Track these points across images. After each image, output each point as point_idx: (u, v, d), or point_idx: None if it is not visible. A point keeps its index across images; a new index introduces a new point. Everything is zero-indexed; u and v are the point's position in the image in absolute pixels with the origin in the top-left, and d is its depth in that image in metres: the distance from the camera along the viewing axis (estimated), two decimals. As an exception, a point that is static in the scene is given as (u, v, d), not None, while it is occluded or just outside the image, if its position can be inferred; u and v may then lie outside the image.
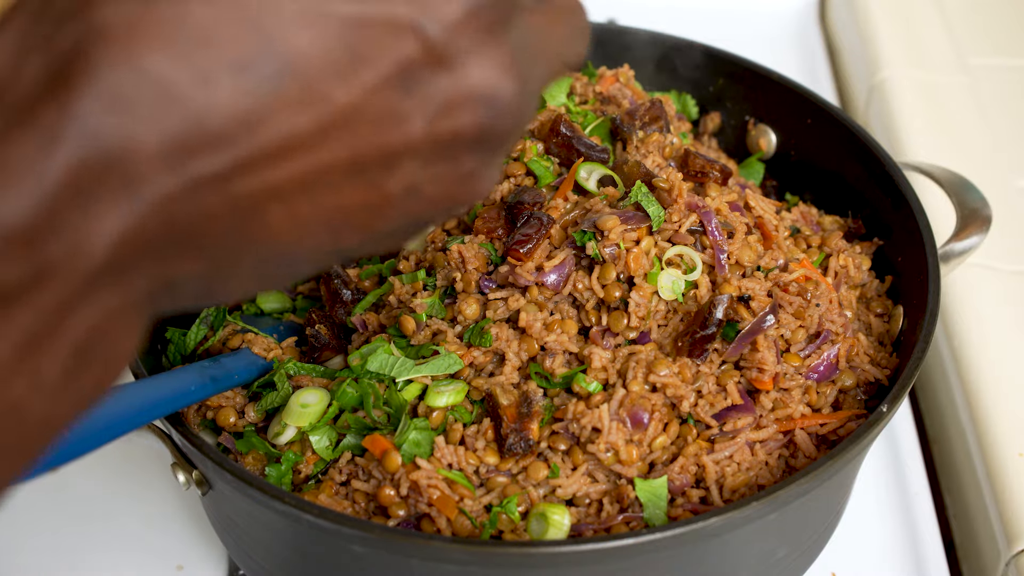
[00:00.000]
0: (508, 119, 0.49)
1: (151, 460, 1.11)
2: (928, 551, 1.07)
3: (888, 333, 0.98)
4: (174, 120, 0.41)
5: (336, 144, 0.45)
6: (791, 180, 1.17)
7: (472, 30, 0.46)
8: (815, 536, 0.94)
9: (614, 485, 0.85)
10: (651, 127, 1.02)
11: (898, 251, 1.02)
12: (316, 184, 0.45)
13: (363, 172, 0.46)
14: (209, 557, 1.05)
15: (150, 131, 0.41)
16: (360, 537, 0.77)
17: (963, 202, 1.07)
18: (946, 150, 1.42)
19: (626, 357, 0.87)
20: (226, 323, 0.96)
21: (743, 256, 0.91)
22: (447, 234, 0.97)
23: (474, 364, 0.89)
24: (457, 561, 0.77)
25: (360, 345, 0.93)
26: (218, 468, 0.80)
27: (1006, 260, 1.28)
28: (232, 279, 0.47)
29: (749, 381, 0.89)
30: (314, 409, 0.88)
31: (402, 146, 0.46)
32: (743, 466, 0.87)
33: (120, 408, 0.77)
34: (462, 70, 0.46)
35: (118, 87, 0.40)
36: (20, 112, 0.40)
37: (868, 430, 0.82)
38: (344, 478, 0.87)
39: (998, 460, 1.08)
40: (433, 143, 0.47)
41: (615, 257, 0.89)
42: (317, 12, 0.43)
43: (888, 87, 1.55)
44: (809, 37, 1.78)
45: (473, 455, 0.84)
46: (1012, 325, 1.21)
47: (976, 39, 1.64)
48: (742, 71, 1.19)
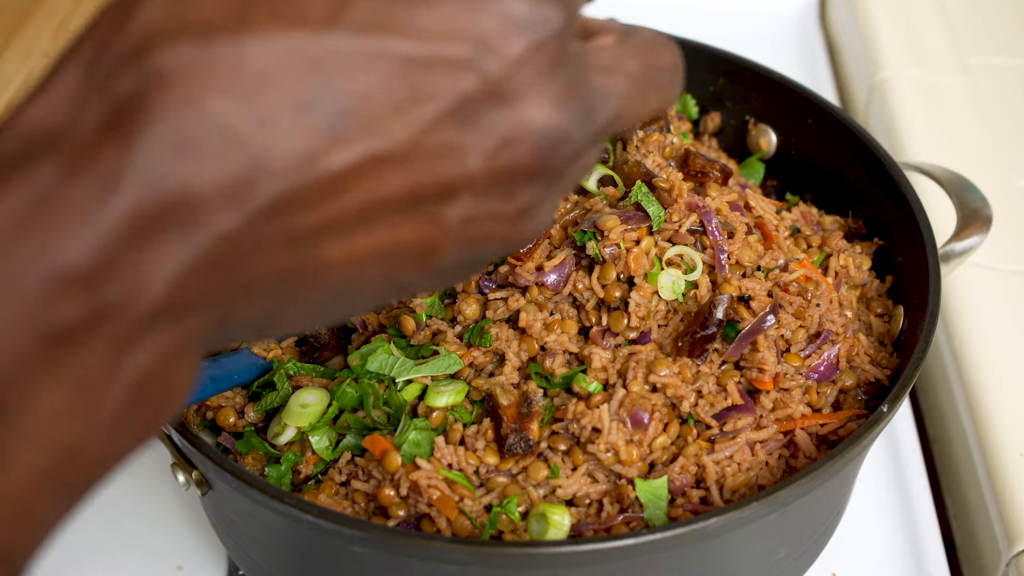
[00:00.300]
0: (564, 153, 0.49)
1: (150, 460, 1.11)
2: (928, 551, 1.06)
3: (888, 333, 0.98)
4: (234, 161, 0.42)
5: (393, 178, 0.45)
6: (791, 180, 1.17)
7: (532, 66, 0.46)
8: (815, 536, 0.94)
9: (614, 485, 0.85)
10: (651, 127, 1.02)
11: (898, 251, 1.02)
12: (372, 218, 0.45)
13: (420, 206, 0.46)
14: (209, 557, 1.05)
15: (210, 173, 0.41)
16: (360, 537, 0.77)
17: (964, 202, 1.06)
18: (947, 150, 1.42)
19: (626, 357, 0.87)
20: (226, 323, 0.96)
21: (743, 256, 0.91)
22: (447, 234, 0.97)
23: (474, 364, 0.89)
24: (457, 561, 0.77)
25: (360, 345, 0.93)
26: (218, 468, 0.80)
27: (1007, 260, 1.28)
28: (288, 316, 0.48)
29: (749, 381, 0.89)
30: (314, 409, 0.88)
31: (459, 179, 0.47)
32: (743, 466, 0.86)
33: (119, 408, 0.77)
34: (520, 105, 0.47)
35: (178, 131, 0.41)
36: (80, 156, 0.40)
37: (868, 430, 0.82)
38: (344, 478, 0.87)
39: (999, 460, 1.08)
40: (489, 176, 0.47)
41: (615, 257, 0.89)
42: (376, 52, 0.43)
43: (888, 87, 1.55)
44: (809, 37, 1.78)
45: (473, 455, 0.84)
46: (1013, 325, 1.21)
47: (977, 39, 1.64)
48: (742, 71, 1.19)
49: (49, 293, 0.40)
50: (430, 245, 0.48)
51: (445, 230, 0.48)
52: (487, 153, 0.47)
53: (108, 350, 0.42)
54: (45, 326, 0.40)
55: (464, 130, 0.46)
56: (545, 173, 0.49)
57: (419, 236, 0.47)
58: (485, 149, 0.46)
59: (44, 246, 0.40)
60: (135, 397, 0.43)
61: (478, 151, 0.46)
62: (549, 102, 0.47)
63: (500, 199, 0.49)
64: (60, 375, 0.41)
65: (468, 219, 0.48)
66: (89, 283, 0.40)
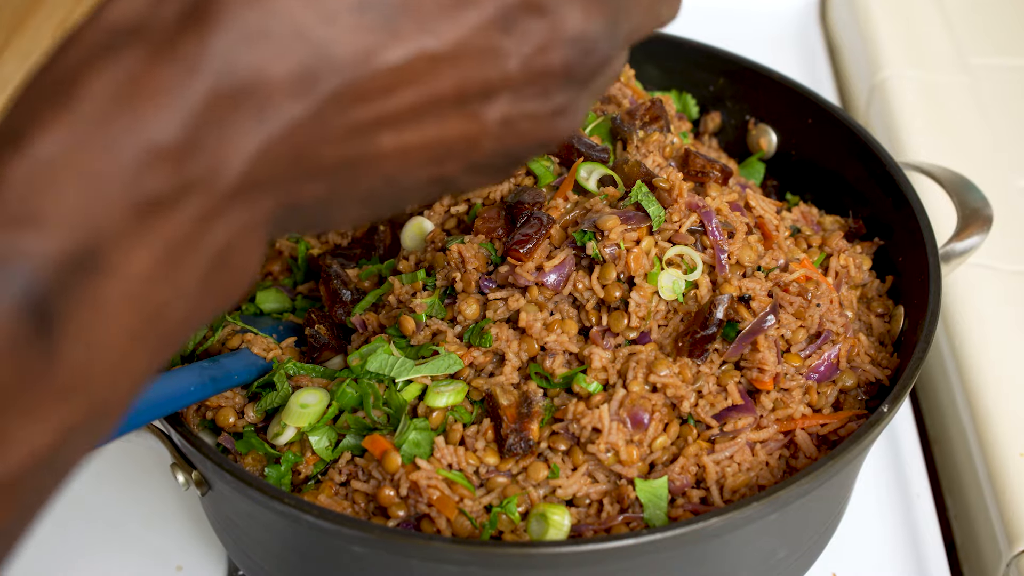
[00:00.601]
0: (595, 58, 0.55)
1: (150, 460, 1.11)
2: (929, 552, 1.06)
3: (889, 333, 0.98)
4: (301, 54, 0.47)
5: (443, 76, 0.51)
6: (792, 180, 1.17)
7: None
8: (816, 536, 0.94)
9: (614, 485, 0.84)
10: (651, 127, 1.02)
11: (899, 251, 1.02)
12: (424, 113, 0.51)
13: (465, 103, 0.52)
14: (208, 558, 1.05)
15: (280, 63, 0.47)
16: (360, 538, 0.77)
17: (964, 202, 1.06)
18: (947, 150, 1.42)
19: (626, 357, 0.87)
20: (225, 323, 0.96)
21: (743, 256, 0.91)
22: (447, 234, 0.97)
23: (474, 364, 0.89)
24: (457, 562, 0.77)
25: (360, 345, 0.93)
26: (217, 468, 0.80)
27: (1007, 260, 1.28)
28: (345, 204, 0.54)
29: (749, 381, 0.89)
30: (314, 409, 0.88)
31: (500, 80, 0.52)
32: (743, 466, 0.86)
33: (119, 408, 0.77)
34: (555, 15, 0.53)
35: (251, 23, 0.46)
36: (163, 44, 0.45)
37: (869, 430, 0.82)
38: (344, 478, 0.87)
39: (999, 460, 1.08)
40: (527, 78, 0.53)
41: (615, 257, 0.88)
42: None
43: (889, 87, 1.54)
44: (810, 36, 1.77)
45: (473, 455, 0.84)
46: (1013, 325, 1.21)
47: (977, 39, 1.64)
48: (743, 70, 1.19)
49: (142, 165, 0.45)
50: (471, 140, 0.54)
51: (486, 127, 0.54)
52: (525, 57, 0.52)
53: (192, 222, 0.46)
54: (139, 196, 0.45)
55: (505, 36, 0.52)
56: (577, 76, 0.55)
57: (462, 132, 0.53)
58: (523, 53, 0.52)
59: (137, 123, 0.44)
60: (214, 269, 0.48)
61: (517, 55, 0.52)
62: (581, 12, 0.53)
63: (536, 99, 0.55)
64: (151, 242, 0.45)
65: (507, 118, 0.54)
66: (177, 157, 0.45)
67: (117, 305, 0.45)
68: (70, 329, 0.44)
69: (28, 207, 0.43)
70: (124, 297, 0.45)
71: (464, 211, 0.97)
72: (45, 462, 0.45)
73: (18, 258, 0.43)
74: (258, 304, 1.03)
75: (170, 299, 0.47)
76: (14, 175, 0.44)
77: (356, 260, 1.02)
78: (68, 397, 0.45)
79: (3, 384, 0.43)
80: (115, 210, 0.44)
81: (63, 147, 0.44)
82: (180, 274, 0.47)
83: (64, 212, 0.44)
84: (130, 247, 0.45)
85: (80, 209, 0.44)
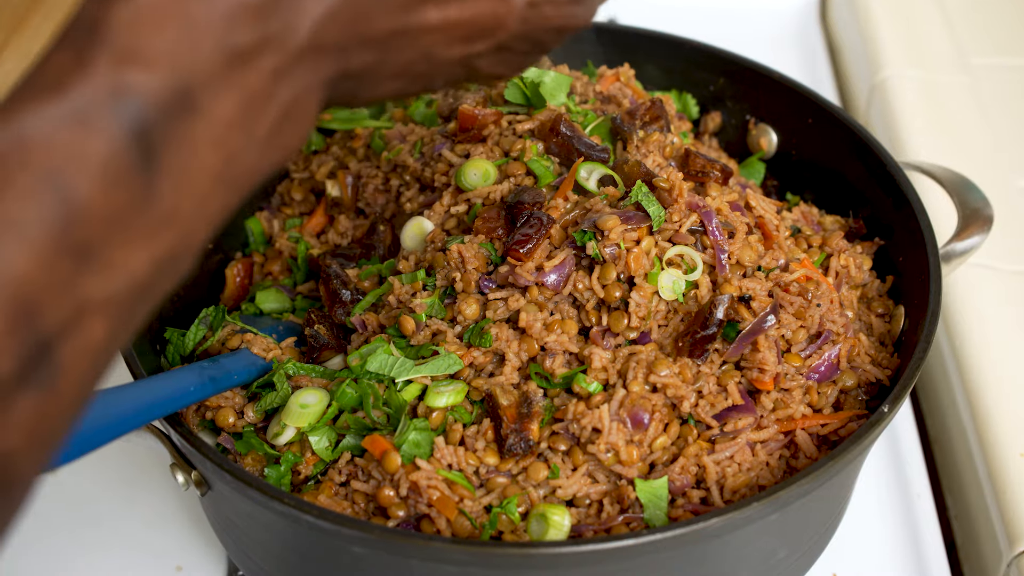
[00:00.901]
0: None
1: (150, 461, 1.11)
2: (929, 552, 1.06)
3: (889, 333, 0.98)
4: None
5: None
6: (792, 180, 1.17)
7: None
8: (816, 537, 0.94)
9: (614, 486, 0.84)
10: (651, 126, 1.01)
11: (899, 251, 1.02)
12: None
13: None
14: (208, 558, 1.05)
15: None
16: (360, 538, 0.76)
17: (964, 202, 1.06)
18: (947, 150, 1.42)
19: (626, 357, 0.87)
20: (225, 323, 0.96)
21: (744, 256, 0.91)
22: (447, 234, 0.97)
23: (474, 364, 0.89)
24: (457, 562, 0.77)
25: (360, 345, 0.93)
26: (217, 469, 0.79)
27: (1007, 260, 1.27)
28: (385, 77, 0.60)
29: (750, 381, 0.88)
30: (313, 410, 0.88)
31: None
32: (744, 466, 0.86)
33: (119, 409, 0.77)
34: None
35: None
36: None
37: (869, 430, 0.82)
38: (343, 479, 0.87)
39: (999, 460, 1.08)
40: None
41: (615, 257, 0.88)
42: None
43: (889, 87, 1.54)
44: (810, 36, 1.77)
45: (473, 456, 0.84)
46: (1013, 325, 1.21)
47: (977, 39, 1.63)
48: (743, 70, 1.19)
49: (233, 17, 0.49)
50: (500, 19, 0.62)
51: (513, 8, 0.62)
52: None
53: (268, 76, 0.52)
54: (228, 45, 0.49)
55: None
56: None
57: (494, 10, 0.61)
58: None
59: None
60: (280, 122, 0.53)
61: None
62: None
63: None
64: (235, 90, 0.50)
65: (532, 1, 0.63)
66: (260, 14, 0.50)
67: (205, 146, 0.49)
68: (167, 164, 0.48)
69: (135, 46, 0.47)
70: (210, 139, 0.50)
71: (464, 211, 0.97)
72: (142, 287, 0.49)
73: (127, 92, 0.47)
74: (258, 304, 1.03)
75: (245, 146, 0.51)
76: (121, 17, 0.48)
77: (356, 260, 1.02)
78: (163, 228, 0.49)
79: (112, 208, 0.46)
80: (209, 56, 0.49)
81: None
82: (255, 123, 0.52)
83: (167, 53, 0.48)
84: (218, 92, 0.49)
85: (181, 52, 0.48)
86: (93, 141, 0.46)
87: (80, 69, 0.47)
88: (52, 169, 0.45)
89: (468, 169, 0.97)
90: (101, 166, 0.46)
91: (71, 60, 0.47)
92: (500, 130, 1.02)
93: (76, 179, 0.46)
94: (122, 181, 0.47)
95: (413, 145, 1.06)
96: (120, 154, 0.46)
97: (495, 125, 1.02)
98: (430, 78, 0.63)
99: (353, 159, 1.10)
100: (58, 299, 0.45)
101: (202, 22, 0.49)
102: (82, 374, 0.48)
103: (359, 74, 0.58)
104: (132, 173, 0.47)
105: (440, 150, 1.02)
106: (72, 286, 0.46)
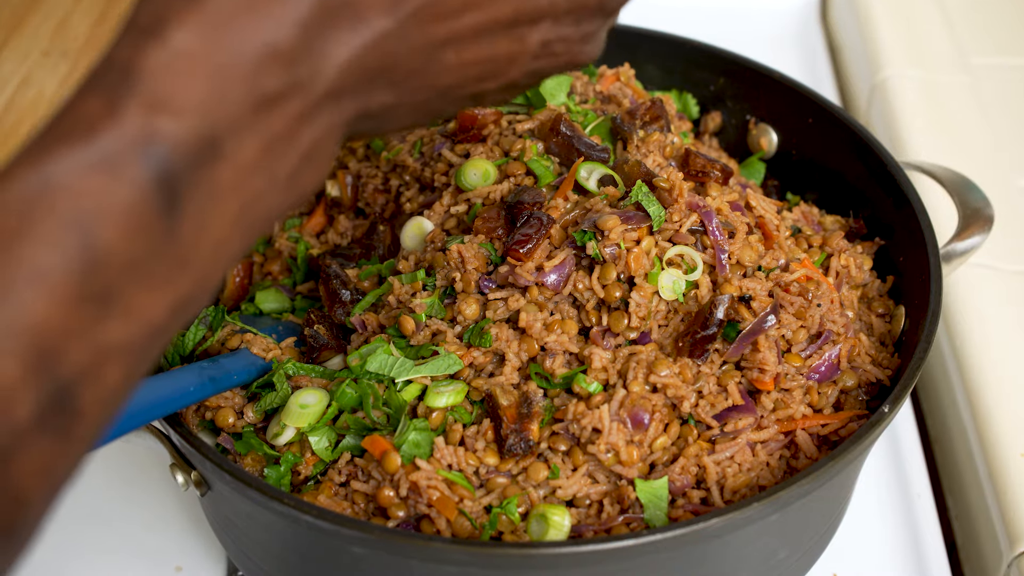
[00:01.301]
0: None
1: (150, 461, 1.11)
2: (930, 552, 1.06)
3: (890, 333, 0.98)
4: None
5: (504, 3, 0.60)
6: (792, 180, 1.17)
7: None
8: (816, 537, 0.94)
9: (614, 486, 0.84)
10: (652, 126, 1.01)
11: (900, 251, 1.02)
12: (483, 34, 0.60)
13: (515, 27, 0.62)
14: (208, 558, 1.05)
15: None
16: (359, 538, 0.76)
17: (965, 202, 1.06)
18: (948, 150, 1.42)
19: (627, 357, 0.87)
20: (225, 323, 0.96)
21: (744, 256, 0.91)
22: (447, 234, 0.97)
23: (474, 364, 0.89)
24: (457, 562, 0.77)
25: (359, 345, 0.93)
26: (217, 469, 0.79)
27: (1008, 260, 1.27)
28: (403, 113, 0.61)
29: (750, 381, 0.88)
30: (313, 410, 0.88)
31: (548, 8, 0.63)
32: (744, 467, 0.86)
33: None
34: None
35: None
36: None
37: (870, 431, 0.82)
38: (343, 479, 0.86)
39: (1000, 460, 1.08)
40: (567, 9, 0.64)
41: (615, 257, 0.88)
42: None
43: (890, 86, 1.54)
44: (810, 36, 1.77)
45: (473, 456, 0.84)
46: (1014, 325, 1.21)
47: (978, 38, 1.63)
48: (743, 70, 1.19)
49: (263, 63, 0.50)
50: (513, 59, 0.63)
51: (528, 48, 0.63)
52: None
53: (293, 120, 0.52)
54: (257, 91, 0.50)
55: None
56: (607, 9, 0.68)
57: (509, 51, 0.62)
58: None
59: (259, 24, 0.50)
60: (302, 164, 0.54)
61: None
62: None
63: (570, 26, 0.65)
64: (259, 135, 0.51)
65: (545, 40, 0.64)
66: (289, 59, 0.51)
67: (227, 190, 0.50)
68: (190, 209, 0.49)
69: (165, 93, 0.48)
70: (232, 183, 0.50)
71: (464, 211, 0.97)
72: (159, 331, 0.49)
73: (157, 139, 0.47)
74: (258, 304, 1.03)
75: (265, 189, 0.52)
76: (153, 63, 0.48)
77: (356, 260, 1.02)
78: (181, 273, 0.49)
79: (134, 255, 0.47)
80: (238, 102, 0.50)
81: (196, 41, 0.49)
82: (276, 166, 0.52)
83: (196, 100, 0.48)
84: (243, 137, 0.50)
85: (209, 99, 0.49)
86: (119, 188, 0.46)
87: (111, 115, 0.47)
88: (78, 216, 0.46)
89: (468, 169, 0.97)
90: (125, 213, 0.47)
91: (102, 106, 0.47)
92: (500, 130, 1.02)
93: (100, 226, 0.46)
94: (145, 228, 0.47)
95: (413, 145, 1.06)
96: (145, 201, 0.47)
97: (495, 125, 1.01)
98: (442, 112, 0.65)
99: (352, 159, 1.10)
100: (78, 346, 0.46)
101: (233, 68, 0.49)
102: (98, 418, 0.48)
103: (377, 114, 0.59)
104: (155, 220, 0.47)
105: (440, 150, 1.02)
106: (92, 333, 0.46)
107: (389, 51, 0.55)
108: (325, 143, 0.55)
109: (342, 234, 1.07)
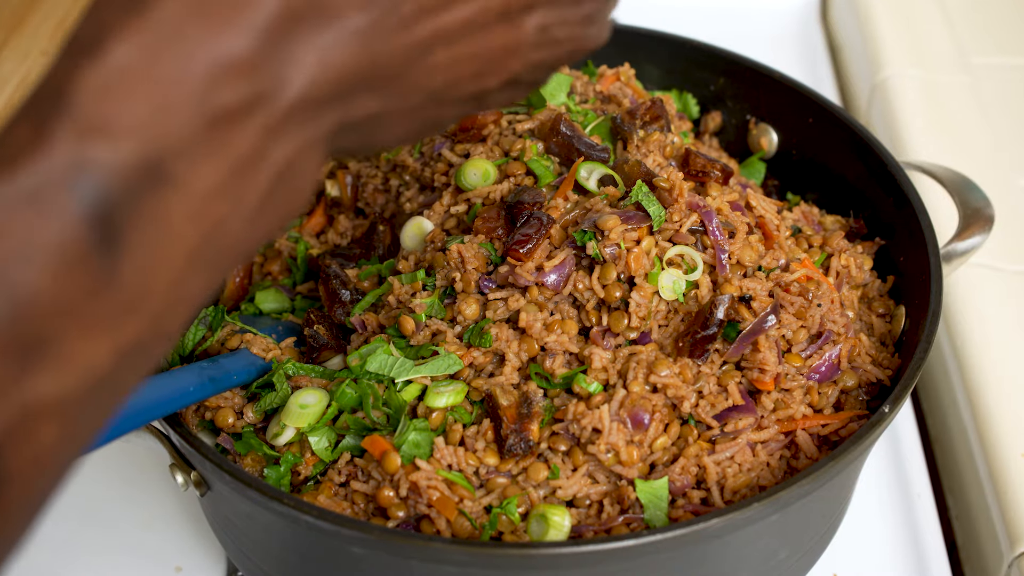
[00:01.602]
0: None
1: (149, 461, 1.11)
2: (930, 552, 1.06)
3: (890, 333, 0.98)
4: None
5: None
6: (793, 179, 1.17)
7: None
8: (817, 537, 0.94)
9: (615, 486, 0.84)
10: (652, 126, 1.01)
11: (900, 251, 1.02)
12: (473, 26, 0.55)
13: (508, 16, 0.56)
14: (208, 558, 1.05)
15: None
16: (359, 538, 0.76)
17: (965, 202, 1.06)
18: (948, 149, 1.42)
19: (627, 357, 0.87)
20: (224, 323, 0.96)
21: (744, 256, 0.91)
22: (447, 234, 0.97)
23: (474, 364, 0.89)
24: (457, 562, 0.76)
25: (359, 345, 0.93)
26: (217, 469, 0.79)
27: (1008, 260, 1.27)
28: (394, 122, 0.56)
29: (750, 382, 0.88)
30: (313, 410, 0.88)
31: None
32: (744, 467, 0.86)
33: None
34: None
35: None
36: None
37: (870, 431, 0.82)
38: (343, 479, 0.86)
39: (1000, 461, 1.08)
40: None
41: (616, 257, 0.88)
42: None
43: (890, 86, 1.54)
44: (811, 36, 1.77)
45: (473, 456, 0.84)
46: (1014, 325, 1.21)
47: (978, 38, 1.63)
48: (743, 70, 1.19)
49: (214, 78, 0.45)
50: (512, 50, 0.58)
51: (525, 35, 0.58)
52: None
53: (258, 136, 0.47)
54: (209, 108, 0.45)
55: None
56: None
57: (505, 42, 0.57)
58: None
59: (211, 34, 0.45)
60: (275, 186, 0.48)
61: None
62: None
63: (569, 7, 0.60)
64: (217, 156, 0.45)
65: (543, 25, 0.59)
66: (247, 70, 0.46)
67: (180, 220, 0.45)
68: (133, 243, 0.43)
69: (100, 116, 0.43)
70: (187, 212, 0.45)
71: (464, 211, 0.97)
72: (103, 382, 0.44)
73: (87, 168, 0.42)
74: (257, 304, 1.03)
75: (230, 216, 0.46)
76: (88, 83, 0.43)
77: (356, 260, 1.02)
78: (126, 316, 0.44)
79: (65, 298, 0.42)
80: (185, 122, 0.44)
81: (137, 57, 0.44)
82: (243, 190, 0.47)
83: (135, 122, 0.43)
84: (197, 161, 0.45)
85: (151, 120, 0.44)
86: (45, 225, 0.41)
87: (37, 144, 0.42)
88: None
89: (468, 169, 0.97)
90: (53, 253, 0.42)
91: (29, 133, 0.43)
92: (500, 130, 1.01)
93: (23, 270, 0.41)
94: (77, 267, 0.42)
95: (412, 145, 1.06)
96: (75, 238, 0.42)
97: (495, 125, 1.01)
98: (440, 119, 0.59)
99: (352, 159, 1.10)
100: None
101: (180, 84, 0.44)
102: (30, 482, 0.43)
103: (362, 124, 0.53)
104: (90, 257, 0.42)
105: (440, 150, 1.02)
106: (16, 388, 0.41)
107: (368, 52, 0.50)
108: (302, 161, 0.49)
109: (342, 234, 1.07)
